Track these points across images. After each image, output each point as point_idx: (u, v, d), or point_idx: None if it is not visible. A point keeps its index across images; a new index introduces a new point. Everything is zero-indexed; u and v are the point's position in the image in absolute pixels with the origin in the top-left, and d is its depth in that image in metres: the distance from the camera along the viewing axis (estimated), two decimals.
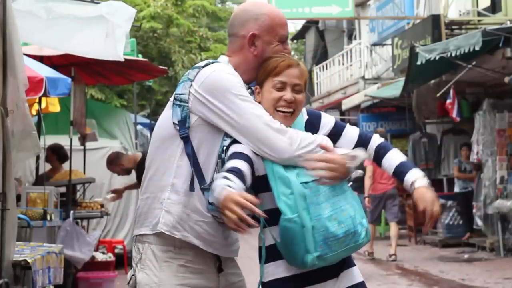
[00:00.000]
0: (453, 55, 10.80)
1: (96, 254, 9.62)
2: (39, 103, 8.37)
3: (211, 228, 2.81)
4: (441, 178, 15.52)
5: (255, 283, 2.91)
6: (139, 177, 7.74)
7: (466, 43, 10.50)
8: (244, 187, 2.64)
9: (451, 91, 12.74)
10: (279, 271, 2.77)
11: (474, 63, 11.45)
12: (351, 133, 2.95)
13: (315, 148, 2.77)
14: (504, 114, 12.18)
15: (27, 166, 10.04)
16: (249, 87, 2.91)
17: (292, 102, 2.80)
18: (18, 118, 4.55)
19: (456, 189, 14.09)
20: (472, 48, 10.31)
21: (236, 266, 2.99)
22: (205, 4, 22.26)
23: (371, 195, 12.40)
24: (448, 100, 12.90)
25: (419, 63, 11.37)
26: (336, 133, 2.93)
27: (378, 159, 2.92)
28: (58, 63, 9.22)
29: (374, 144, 2.92)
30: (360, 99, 18.01)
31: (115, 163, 8.38)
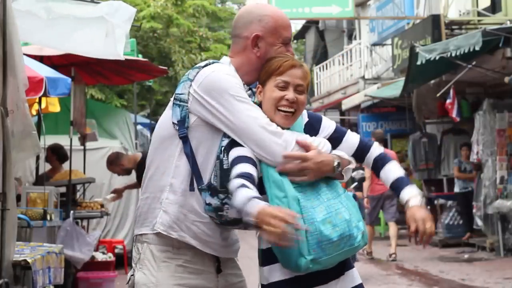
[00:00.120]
0: (453, 55, 10.80)
1: (96, 254, 9.62)
2: (39, 103, 8.37)
3: (208, 228, 2.80)
4: (441, 178, 15.52)
5: (255, 283, 2.91)
6: (139, 177, 7.74)
7: (466, 43, 10.50)
8: None
9: (451, 91, 12.74)
10: (278, 274, 2.76)
11: (474, 63, 11.45)
12: (352, 139, 2.94)
13: (294, 147, 2.76)
14: (504, 114, 12.19)
15: (27, 166, 10.04)
16: (249, 89, 2.91)
17: (294, 102, 2.79)
18: (18, 118, 4.55)
19: (456, 189, 14.09)
20: (472, 48, 10.31)
21: (237, 266, 2.98)
22: (205, 4, 22.25)
23: (369, 196, 12.43)
24: (448, 100, 12.90)
25: (419, 63, 11.37)
26: (336, 138, 2.92)
27: (376, 169, 2.92)
28: (58, 63, 9.22)
29: (374, 154, 2.92)
30: (360, 99, 18.00)
31: (115, 163, 8.38)
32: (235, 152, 2.74)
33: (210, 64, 2.89)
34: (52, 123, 10.41)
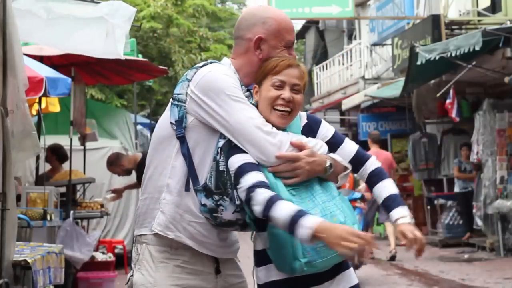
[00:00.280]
0: (453, 55, 10.80)
1: (96, 254, 9.63)
2: (39, 103, 8.37)
3: (204, 229, 2.80)
4: (441, 178, 15.51)
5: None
6: (140, 177, 7.73)
7: (466, 43, 10.50)
8: None
9: (451, 91, 12.74)
10: (272, 274, 2.76)
11: (474, 63, 11.45)
12: (349, 148, 2.91)
13: (289, 148, 2.75)
14: (504, 114, 12.19)
15: (27, 166, 10.04)
16: (247, 90, 2.90)
17: (290, 101, 2.78)
18: (18, 118, 4.54)
19: (456, 189, 14.09)
20: (472, 48, 10.31)
21: (237, 267, 2.98)
22: (205, 4, 22.24)
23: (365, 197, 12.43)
24: (448, 100, 12.90)
25: (419, 63, 11.37)
26: (333, 143, 2.90)
27: (371, 184, 2.89)
28: (58, 63, 9.22)
29: (370, 168, 2.89)
30: (360, 99, 18.00)
31: (115, 164, 8.38)
32: (240, 158, 2.72)
33: (208, 64, 2.89)
34: (52, 123, 10.41)
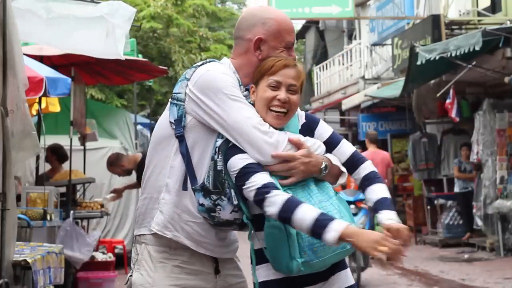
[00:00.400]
0: (453, 55, 10.80)
1: (96, 254, 9.63)
2: (39, 103, 8.37)
3: (202, 229, 2.80)
4: (441, 178, 15.51)
5: None
6: (140, 177, 7.73)
7: (466, 43, 10.50)
8: None
9: (451, 91, 12.73)
10: (269, 274, 2.75)
11: (474, 63, 11.45)
12: (345, 149, 2.90)
13: (287, 147, 2.75)
14: (504, 114, 12.19)
15: (27, 166, 10.04)
16: (246, 89, 2.90)
17: (286, 102, 2.77)
18: (18, 118, 4.54)
19: (456, 189, 14.09)
20: (472, 48, 10.31)
21: (237, 267, 2.98)
22: (205, 4, 22.25)
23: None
24: (448, 100, 12.90)
25: (419, 63, 11.37)
26: (330, 144, 2.89)
27: (363, 188, 2.87)
28: (58, 63, 9.22)
29: (363, 172, 2.87)
30: (360, 99, 17.99)
31: (115, 164, 8.37)
32: (243, 158, 2.72)
33: (206, 63, 2.89)
34: (52, 123, 10.41)
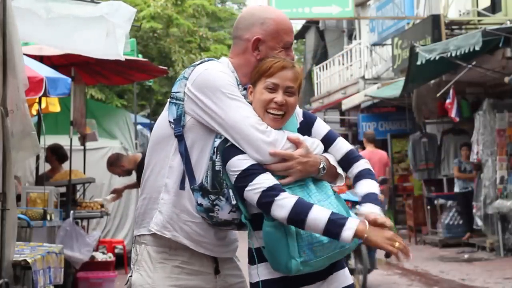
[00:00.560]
0: (453, 55, 10.80)
1: (96, 254, 9.63)
2: (39, 103, 8.37)
3: (201, 228, 2.80)
4: (441, 178, 15.51)
5: None
6: (140, 177, 7.73)
7: (466, 43, 10.50)
8: None
9: (451, 91, 12.73)
10: (268, 272, 2.75)
11: (474, 63, 11.45)
12: (341, 147, 2.90)
13: (285, 145, 2.74)
14: (504, 114, 12.19)
15: (27, 166, 10.04)
16: (244, 88, 2.89)
17: (283, 105, 2.76)
18: (17, 118, 4.54)
19: (456, 189, 14.09)
20: (472, 48, 10.31)
21: (236, 267, 2.98)
22: (205, 4, 22.26)
23: None
24: (448, 100, 12.90)
25: (419, 63, 11.37)
26: (326, 141, 2.89)
27: (355, 183, 2.88)
28: (58, 63, 9.22)
29: (357, 169, 2.88)
30: (360, 99, 17.99)
31: (115, 164, 8.36)
32: (245, 158, 2.71)
33: (205, 61, 2.88)
34: (52, 123, 10.41)
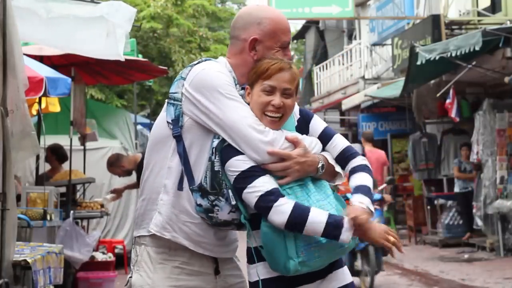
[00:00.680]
0: (453, 55, 10.80)
1: (96, 254, 9.62)
2: (39, 103, 8.36)
3: (200, 229, 2.80)
4: (441, 178, 15.51)
5: None
6: (140, 177, 7.73)
7: (466, 43, 10.50)
8: None
9: (451, 91, 12.73)
10: (266, 272, 2.75)
11: (474, 63, 11.45)
12: (338, 143, 2.90)
13: (283, 144, 2.74)
14: (504, 114, 12.19)
15: (27, 166, 10.04)
16: (242, 88, 2.89)
17: (281, 107, 2.76)
18: (17, 118, 4.54)
19: (456, 189, 14.08)
20: (472, 48, 10.32)
21: (236, 267, 2.98)
22: (205, 4, 22.27)
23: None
24: (448, 100, 12.90)
25: (419, 63, 11.37)
26: (323, 138, 2.89)
27: (350, 177, 2.88)
28: (58, 63, 9.22)
29: (353, 164, 2.87)
30: (360, 99, 17.99)
31: (115, 165, 8.36)
32: (244, 160, 2.71)
33: (202, 61, 2.88)
34: (52, 123, 10.41)
